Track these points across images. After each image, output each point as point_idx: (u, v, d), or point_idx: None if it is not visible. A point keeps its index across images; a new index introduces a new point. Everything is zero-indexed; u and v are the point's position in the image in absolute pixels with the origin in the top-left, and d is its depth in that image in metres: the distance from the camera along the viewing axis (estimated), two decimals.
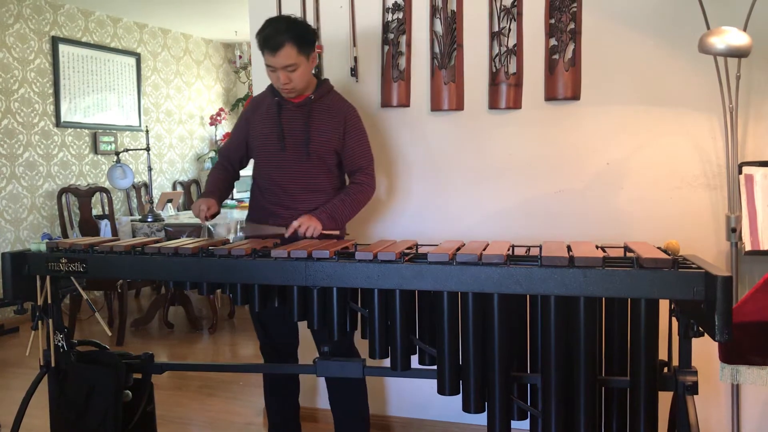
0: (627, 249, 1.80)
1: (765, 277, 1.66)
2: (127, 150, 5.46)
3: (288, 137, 2.36)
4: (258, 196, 2.49)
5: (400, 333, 1.80)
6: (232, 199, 6.02)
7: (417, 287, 1.73)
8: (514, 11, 2.60)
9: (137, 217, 5.25)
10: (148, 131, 5.16)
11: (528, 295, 1.75)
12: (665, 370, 1.78)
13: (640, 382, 1.65)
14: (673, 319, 1.75)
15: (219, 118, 7.44)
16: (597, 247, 1.81)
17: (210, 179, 2.53)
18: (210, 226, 4.41)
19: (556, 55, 2.56)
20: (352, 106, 2.45)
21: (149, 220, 4.61)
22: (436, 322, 1.76)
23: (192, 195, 6.92)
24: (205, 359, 4.24)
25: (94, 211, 5.15)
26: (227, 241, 2.14)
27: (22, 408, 2.16)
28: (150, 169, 4.96)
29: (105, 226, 4.70)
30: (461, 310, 1.72)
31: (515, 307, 1.77)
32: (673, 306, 1.74)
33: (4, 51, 5.21)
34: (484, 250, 1.75)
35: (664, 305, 1.71)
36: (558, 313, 1.64)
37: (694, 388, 1.71)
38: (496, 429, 1.72)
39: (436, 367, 1.79)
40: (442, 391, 1.77)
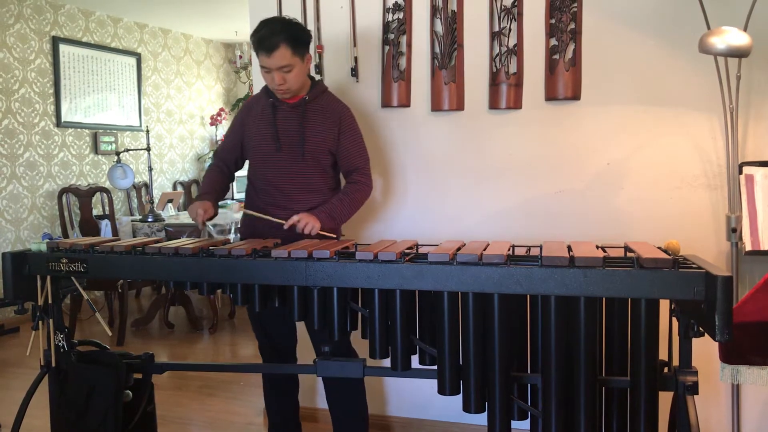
0: (627, 249, 1.80)
1: (765, 277, 1.66)
2: (127, 150, 5.46)
3: (283, 138, 2.36)
4: (253, 197, 2.49)
5: (400, 333, 1.80)
6: (233, 199, 6.03)
7: (417, 287, 1.73)
8: (515, 11, 2.60)
9: (138, 217, 5.25)
10: (148, 131, 5.17)
11: (528, 295, 1.75)
12: (665, 370, 1.78)
13: (641, 382, 1.65)
14: (674, 319, 1.75)
15: (219, 118, 7.44)
16: (597, 247, 1.81)
17: (205, 181, 2.52)
18: (210, 227, 4.41)
19: (556, 55, 2.56)
20: (347, 107, 2.46)
21: (150, 220, 4.62)
22: (437, 322, 1.76)
23: (192, 195, 6.92)
24: (206, 359, 4.24)
25: (95, 211, 5.15)
26: (227, 241, 2.14)
27: (22, 408, 2.16)
28: (150, 169, 4.97)
29: (105, 226, 4.70)
30: (461, 310, 1.72)
31: (515, 307, 1.77)
32: (673, 306, 1.74)
33: (4, 51, 5.22)
34: (485, 250, 1.75)
35: (665, 305, 1.71)
36: (558, 313, 1.64)
37: (694, 388, 1.71)
38: (497, 429, 1.72)
39: (436, 367, 1.79)
40: (442, 391, 1.77)
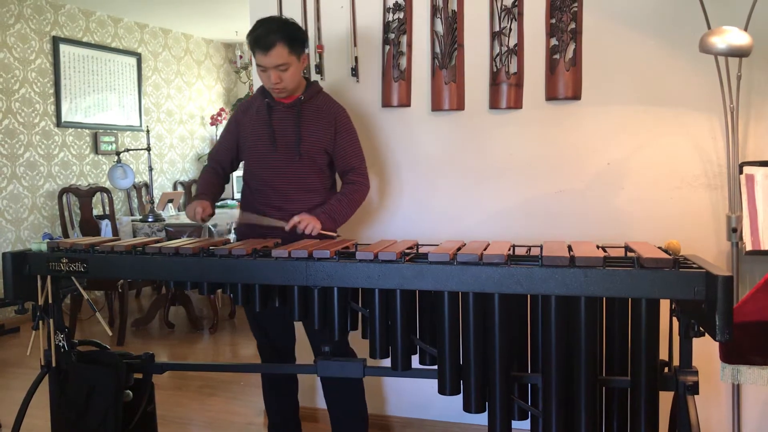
0: (628, 249, 1.80)
1: (765, 277, 1.66)
2: (127, 150, 5.46)
3: (279, 138, 2.37)
4: (249, 198, 2.49)
5: (400, 333, 1.80)
6: (233, 199, 6.03)
7: (418, 287, 1.73)
8: (515, 11, 2.60)
9: (138, 217, 5.25)
10: (148, 131, 5.16)
11: (529, 295, 1.75)
12: (666, 370, 1.78)
13: (641, 382, 1.65)
14: (674, 318, 1.75)
15: (220, 118, 7.43)
16: (598, 247, 1.81)
17: (201, 182, 2.52)
18: (211, 227, 4.41)
19: (556, 55, 2.55)
20: (342, 107, 2.47)
21: (150, 220, 4.62)
22: (437, 322, 1.76)
23: (193, 195, 6.92)
24: (206, 359, 4.24)
25: (95, 211, 5.15)
26: (228, 241, 2.14)
27: (22, 408, 2.16)
28: (151, 169, 4.96)
29: (106, 226, 4.70)
30: (462, 310, 1.72)
31: (516, 307, 1.77)
32: (673, 306, 1.74)
33: (5, 51, 5.22)
34: (485, 250, 1.75)
35: (665, 305, 1.71)
36: (559, 313, 1.64)
37: (694, 388, 1.71)
38: (497, 429, 1.72)
39: (436, 367, 1.79)
40: (442, 391, 1.77)
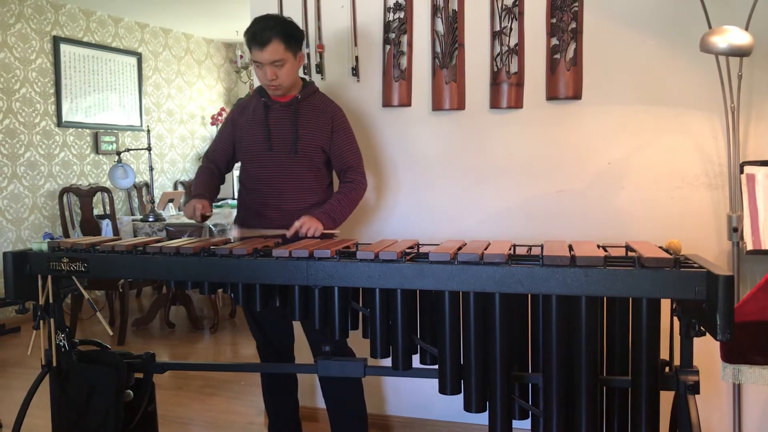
0: (628, 248, 1.80)
1: (766, 276, 1.66)
2: (128, 150, 5.46)
3: (275, 137, 2.37)
4: (245, 198, 2.49)
5: (401, 332, 1.80)
6: (233, 198, 6.02)
7: (418, 287, 1.73)
8: (516, 11, 2.59)
9: (138, 216, 5.25)
10: (149, 131, 5.16)
11: (529, 295, 1.75)
12: (667, 369, 1.78)
13: (642, 381, 1.65)
14: (675, 318, 1.74)
15: (220, 118, 7.43)
16: (598, 246, 1.81)
17: (197, 182, 2.50)
18: (211, 226, 4.41)
19: (557, 55, 2.55)
20: (339, 106, 2.47)
21: (150, 219, 4.62)
22: (438, 322, 1.76)
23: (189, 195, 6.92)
24: (207, 359, 4.24)
25: (96, 211, 5.15)
26: (228, 241, 2.14)
27: (23, 408, 2.16)
28: (151, 168, 4.97)
29: (106, 225, 4.71)
30: (463, 310, 1.72)
31: (517, 307, 1.77)
32: (674, 305, 1.74)
33: (5, 51, 5.22)
34: (486, 249, 1.75)
35: (666, 304, 1.71)
36: (559, 312, 1.64)
37: (695, 388, 1.71)
38: (498, 428, 1.72)
39: (437, 366, 1.79)
40: (443, 390, 1.77)
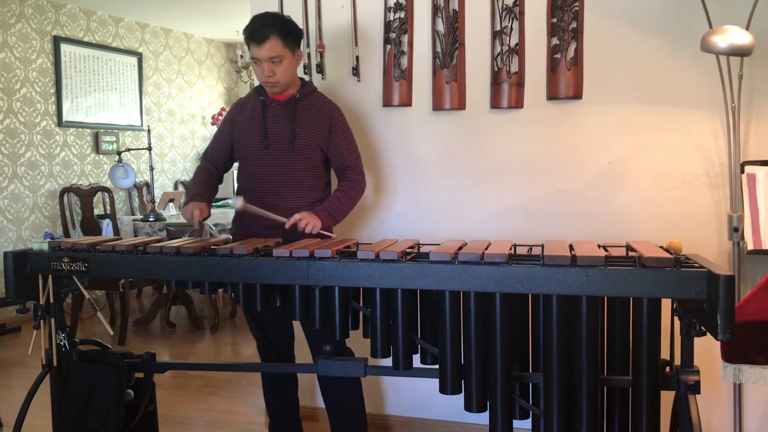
0: (629, 248, 1.79)
1: (767, 276, 1.66)
2: (128, 149, 5.47)
3: (273, 135, 2.37)
4: (244, 197, 2.49)
5: (402, 332, 1.80)
6: (235, 195, 6.01)
7: (419, 286, 1.73)
8: (516, 10, 2.59)
9: (139, 216, 5.25)
10: (149, 131, 5.17)
11: (530, 295, 1.75)
12: (667, 369, 1.78)
13: (643, 381, 1.65)
14: (676, 318, 1.74)
15: (220, 118, 7.44)
16: (599, 246, 1.81)
17: (195, 182, 2.49)
18: (212, 226, 4.41)
19: (558, 55, 2.55)
20: (337, 106, 2.48)
21: (151, 219, 4.62)
22: (438, 322, 1.76)
23: (186, 195, 6.91)
24: (207, 358, 4.24)
25: (96, 211, 5.15)
26: (229, 240, 2.14)
27: (24, 407, 2.16)
28: (152, 168, 4.97)
29: (107, 225, 4.70)
30: (463, 310, 1.72)
31: (517, 307, 1.77)
32: (675, 305, 1.74)
33: (6, 51, 5.22)
34: (486, 249, 1.75)
35: (666, 304, 1.71)
36: (560, 312, 1.64)
37: (696, 388, 1.71)
38: (498, 428, 1.72)
39: (437, 366, 1.79)
40: (444, 390, 1.77)
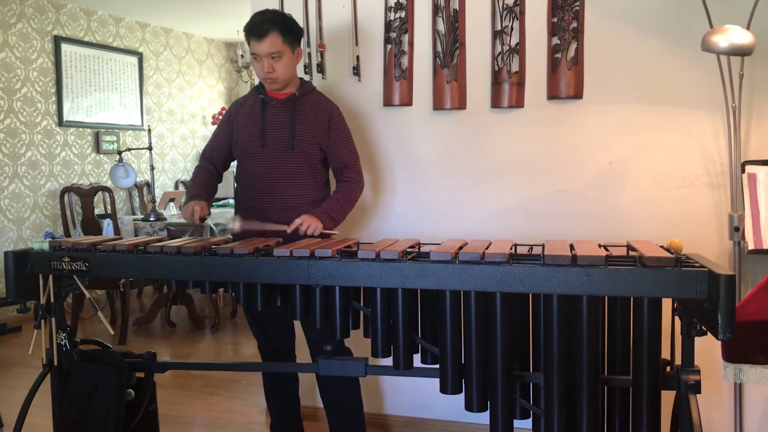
0: (630, 248, 1.79)
1: (767, 276, 1.66)
2: (129, 149, 5.46)
3: (272, 133, 2.38)
4: (242, 196, 2.49)
5: (402, 332, 1.80)
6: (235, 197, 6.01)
7: (419, 286, 1.73)
8: (517, 10, 2.59)
9: (139, 216, 5.25)
10: (150, 130, 5.17)
11: (531, 294, 1.75)
12: (668, 369, 1.78)
13: (643, 381, 1.65)
14: (676, 317, 1.74)
15: (221, 117, 7.43)
16: (600, 246, 1.81)
17: (194, 181, 2.48)
18: (212, 225, 4.41)
19: (558, 54, 2.55)
20: (336, 105, 2.49)
21: (151, 219, 4.62)
22: (439, 321, 1.76)
23: (185, 194, 6.91)
24: (208, 358, 4.24)
25: (97, 211, 5.15)
26: (229, 240, 2.14)
27: (24, 407, 2.16)
28: (152, 168, 4.97)
29: (107, 225, 4.71)
30: (464, 309, 1.72)
31: (518, 306, 1.77)
32: (675, 305, 1.74)
33: (6, 50, 5.22)
34: (487, 249, 1.75)
35: (667, 304, 1.71)
36: (561, 311, 1.64)
37: (696, 387, 1.71)
38: (499, 428, 1.72)
39: (438, 366, 1.79)
40: (444, 389, 1.77)
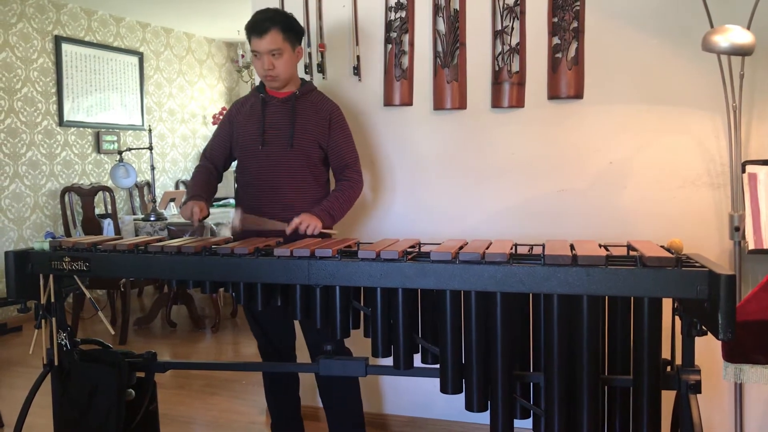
0: (630, 248, 1.79)
1: None
2: (129, 149, 5.46)
3: (272, 131, 2.38)
4: (242, 195, 2.49)
5: (402, 331, 1.80)
6: (235, 197, 6.01)
7: (420, 286, 1.73)
8: (517, 10, 2.59)
9: (140, 216, 5.25)
10: (150, 130, 5.17)
11: (531, 294, 1.75)
12: (668, 368, 1.78)
13: (643, 381, 1.65)
14: (677, 317, 1.74)
15: (221, 117, 7.43)
16: (600, 245, 1.81)
17: (194, 181, 2.49)
18: (213, 225, 4.41)
19: (559, 54, 2.55)
20: (336, 104, 2.49)
21: (152, 219, 4.62)
22: (439, 321, 1.76)
23: (186, 194, 6.91)
24: (208, 358, 4.24)
25: (97, 210, 5.15)
26: (229, 240, 2.14)
27: (25, 407, 2.16)
28: (153, 168, 4.97)
29: (108, 225, 4.71)
30: (464, 309, 1.72)
31: (518, 306, 1.77)
32: (676, 305, 1.74)
33: (7, 50, 5.22)
34: (487, 248, 1.75)
35: (668, 304, 1.71)
36: (561, 311, 1.64)
37: (697, 387, 1.71)
38: (499, 428, 1.72)
39: (438, 365, 1.79)
40: (444, 389, 1.77)
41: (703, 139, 2.45)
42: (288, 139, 2.36)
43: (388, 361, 1.86)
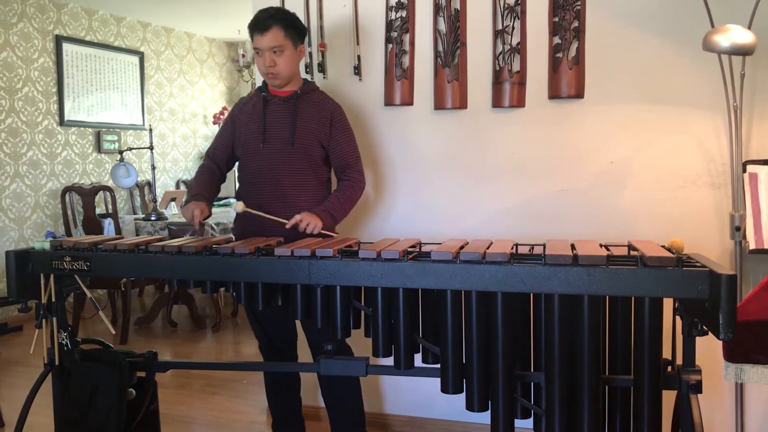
0: (631, 247, 1.79)
1: None
2: (130, 149, 5.46)
3: (273, 129, 2.38)
4: (243, 194, 2.49)
5: (403, 331, 1.80)
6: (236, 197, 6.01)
7: (421, 286, 1.73)
8: (518, 9, 2.59)
9: (141, 215, 5.26)
10: (151, 130, 5.17)
11: (532, 294, 1.75)
12: (669, 368, 1.78)
13: (644, 380, 1.65)
14: (677, 317, 1.74)
15: (222, 117, 7.44)
16: (601, 245, 1.81)
17: (196, 181, 2.49)
18: (213, 225, 4.41)
19: (559, 54, 2.55)
20: (338, 104, 2.49)
21: (152, 218, 4.62)
22: (440, 321, 1.76)
23: (187, 194, 6.91)
24: (209, 358, 4.24)
25: (98, 210, 5.16)
26: (230, 240, 2.14)
27: (26, 406, 2.16)
28: (153, 167, 4.97)
29: (108, 224, 4.71)
30: (465, 309, 1.72)
31: (519, 306, 1.77)
32: (676, 305, 1.74)
33: (8, 50, 5.22)
34: (488, 248, 1.75)
35: (668, 303, 1.71)
36: (562, 311, 1.64)
37: (698, 387, 1.71)
38: (500, 428, 1.72)
39: (439, 365, 1.79)
40: (445, 389, 1.77)
41: (703, 138, 2.45)
42: (289, 137, 2.36)
43: (389, 360, 1.86)
